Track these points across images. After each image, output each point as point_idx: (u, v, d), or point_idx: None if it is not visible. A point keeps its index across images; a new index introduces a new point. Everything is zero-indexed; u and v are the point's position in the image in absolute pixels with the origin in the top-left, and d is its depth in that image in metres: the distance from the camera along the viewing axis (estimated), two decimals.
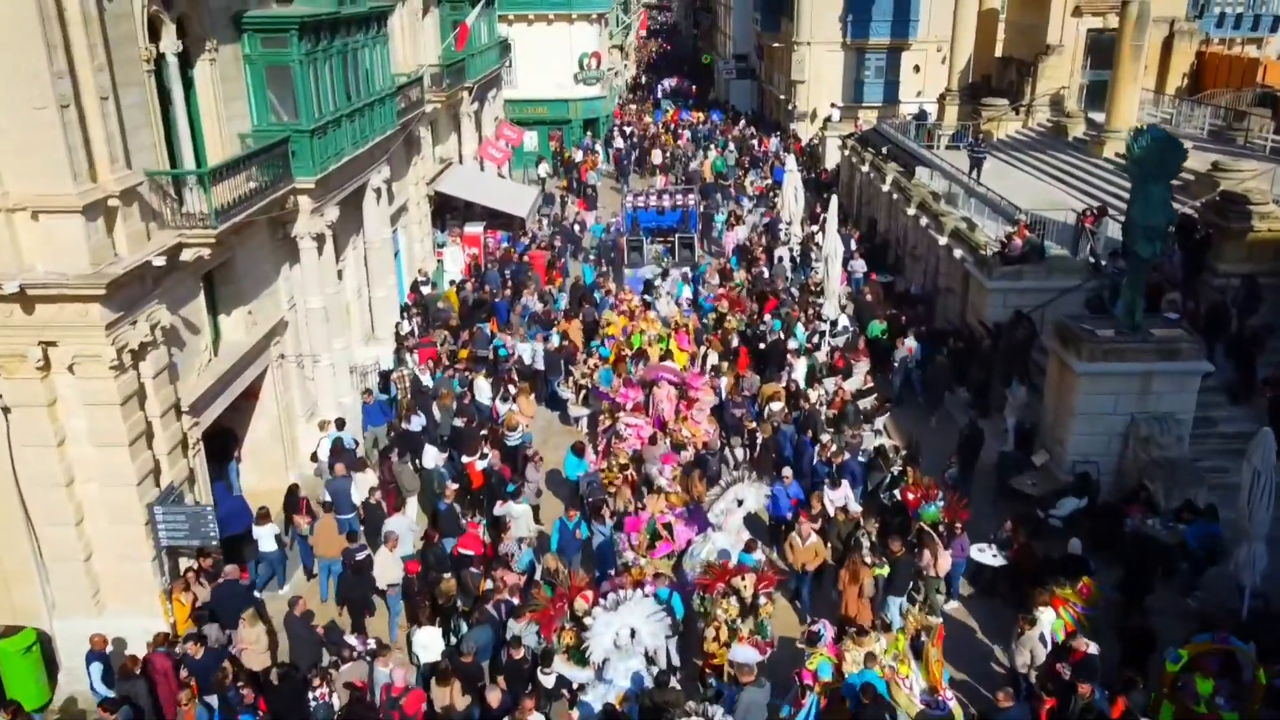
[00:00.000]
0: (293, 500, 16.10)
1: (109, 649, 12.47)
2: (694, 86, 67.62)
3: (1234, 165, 23.47)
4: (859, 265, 27.59)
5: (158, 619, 13.19)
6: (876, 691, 11.09)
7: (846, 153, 38.14)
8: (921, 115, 37.71)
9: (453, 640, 12.79)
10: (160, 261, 12.60)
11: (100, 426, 12.35)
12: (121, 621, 13.12)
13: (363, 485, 16.43)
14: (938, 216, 25.73)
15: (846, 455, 16.67)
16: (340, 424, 18.02)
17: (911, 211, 27.77)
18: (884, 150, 33.55)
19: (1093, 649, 12.01)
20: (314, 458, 17.66)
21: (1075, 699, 11.05)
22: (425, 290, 25.66)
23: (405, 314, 23.63)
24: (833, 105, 45.24)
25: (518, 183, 38.10)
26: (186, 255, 13.61)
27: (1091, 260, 21.97)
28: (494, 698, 11.29)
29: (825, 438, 17.27)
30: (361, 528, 15.36)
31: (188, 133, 14.73)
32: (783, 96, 52.21)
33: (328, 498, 16.14)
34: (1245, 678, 11.84)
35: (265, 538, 15.39)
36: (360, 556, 14.45)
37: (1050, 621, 12.55)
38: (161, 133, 13.74)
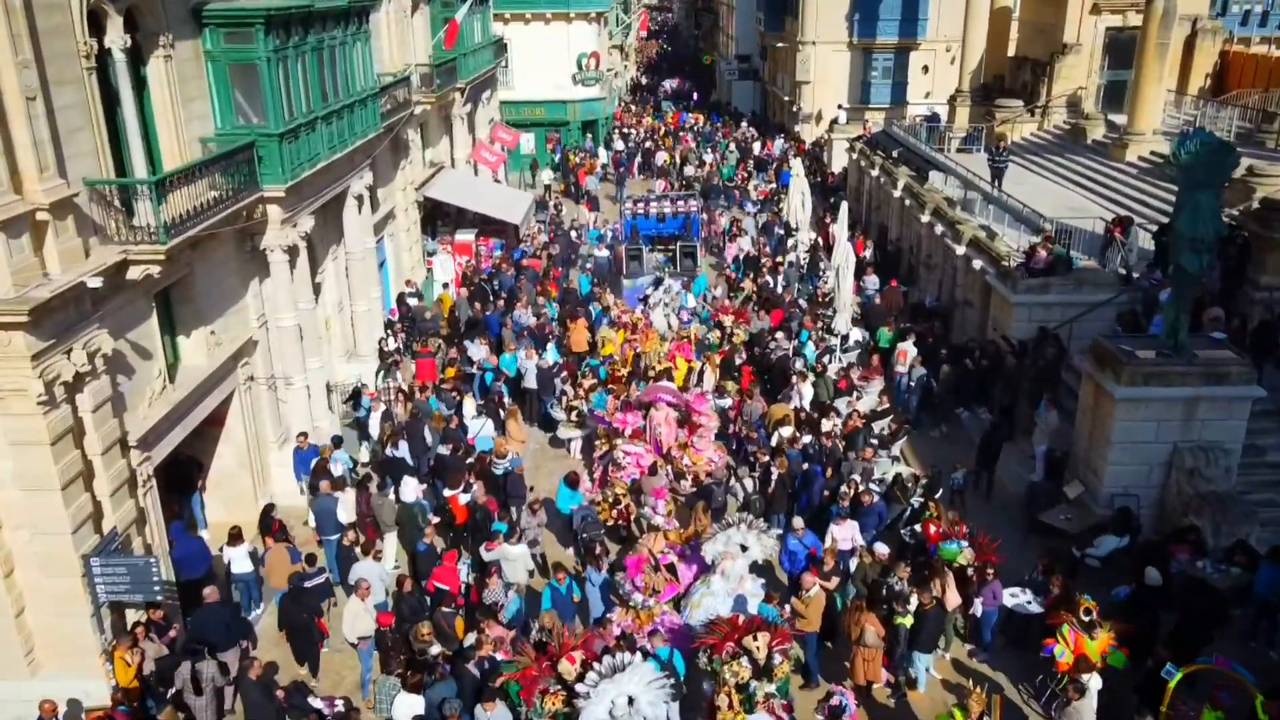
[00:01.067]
0: (266, 522, 15.00)
1: (60, 715, 11.10)
2: (695, 88, 66.30)
3: (1270, 170, 22.06)
4: (871, 281, 26.10)
5: (99, 680, 11.79)
6: None
7: (854, 156, 36.74)
8: (933, 118, 36.32)
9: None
10: (96, 283, 11.19)
11: (28, 469, 10.97)
12: (59, 684, 11.72)
13: (349, 505, 15.39)
14: (954, 224, 24.34)
15: (875, 498, 15.19)
16: (338, 442, 17.08)
17: (925, 219, 26.36)
18: (894, 154, 32.14)
19: None
20: None
21: None
22: (413, 303, 24.24)
23: (390, 329, 22.20)
24: (839, 106, 43.86)
25: (513, 187, 36.76)
26: (134, 273, 12.23)
27: (1122, 272, 20.56)
28: None
29: (857, 476, 15.76)
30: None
31: (139, 137, 13.32)
32: (787, 98, 50.82)
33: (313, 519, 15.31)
34: None
35: (238, 559, 14.27)
36: (310, 583, 13.33)
37: (1097, 688, 11.14)
38: (106, 137, 12.33)
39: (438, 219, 29.83)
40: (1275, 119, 27.91)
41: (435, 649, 12.10)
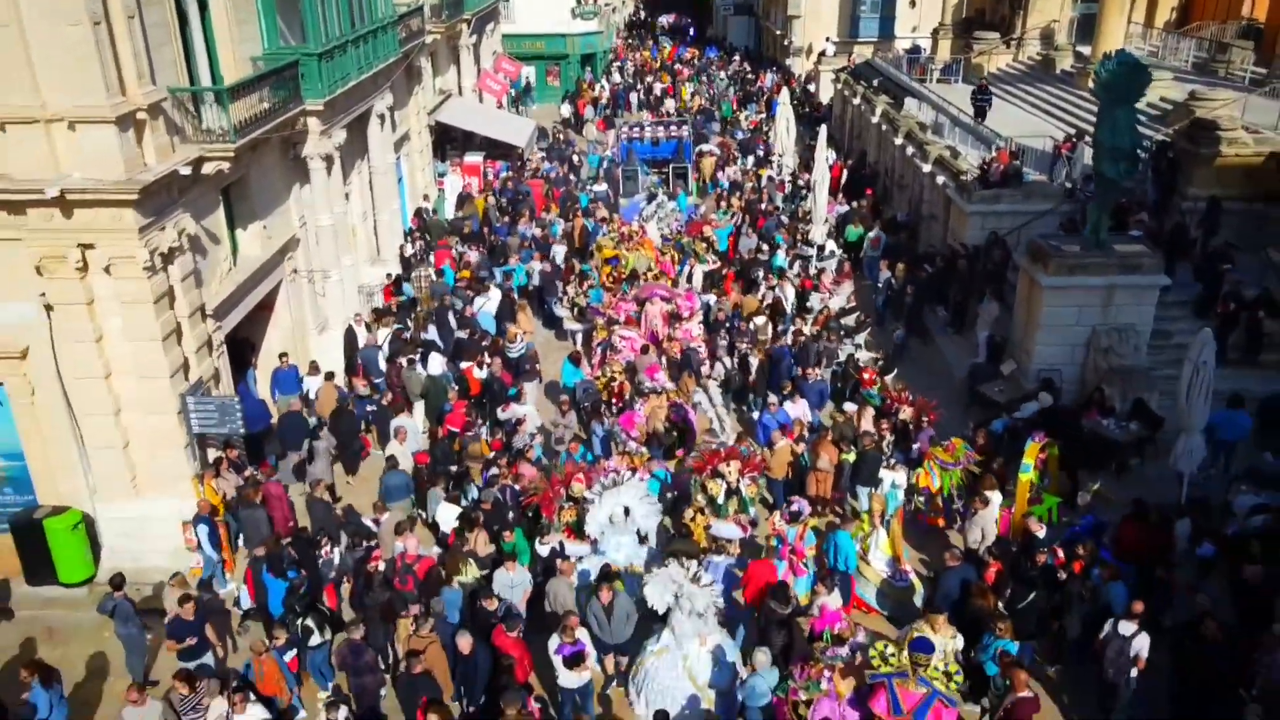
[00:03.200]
0: (351, 365, 18.37)
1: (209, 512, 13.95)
2: (692, 23, 67.66)
3: (1209, 94, 24.24)
4: (844, 209, 28.46)
5: (190, 502, 14.43)
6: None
7: (839, 86, 38.71)
8: (914, 50, 38.27)
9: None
10: (186, 170, 13.59)
11: (135, 324, 13.44)
12: (156, 505, 14.35)
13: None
14: (923, 145, 26.56)
15: (819, 375, 17.76)
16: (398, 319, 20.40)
17: (899, 141, 28.56)
18: (875, 83, 34.18)
19: (1041, 532, 13.22)
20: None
21: (1026, 564, 12.37)
22: (428, 217, 26.64)
23: (409, 237, 24.64)
24: (827, 39, 45.61)
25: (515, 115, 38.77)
26: (207, 169, 14.55)
27: (1068, 186, 22.88)
28: (464, 644, 11.05)
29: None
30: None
31: (204, 54, 15.60)
32: (779, 32, 52.45)
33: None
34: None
35: (314, 386, 17.51)
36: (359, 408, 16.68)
37: (999, 502, 13.82)
38: (181, 52, 14.61)
39: (446, 144, 32.03)
40: (1228, 49, 29.97)
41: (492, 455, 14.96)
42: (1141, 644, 10.85)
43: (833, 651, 10.84)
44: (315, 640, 11.98)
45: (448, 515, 13.66)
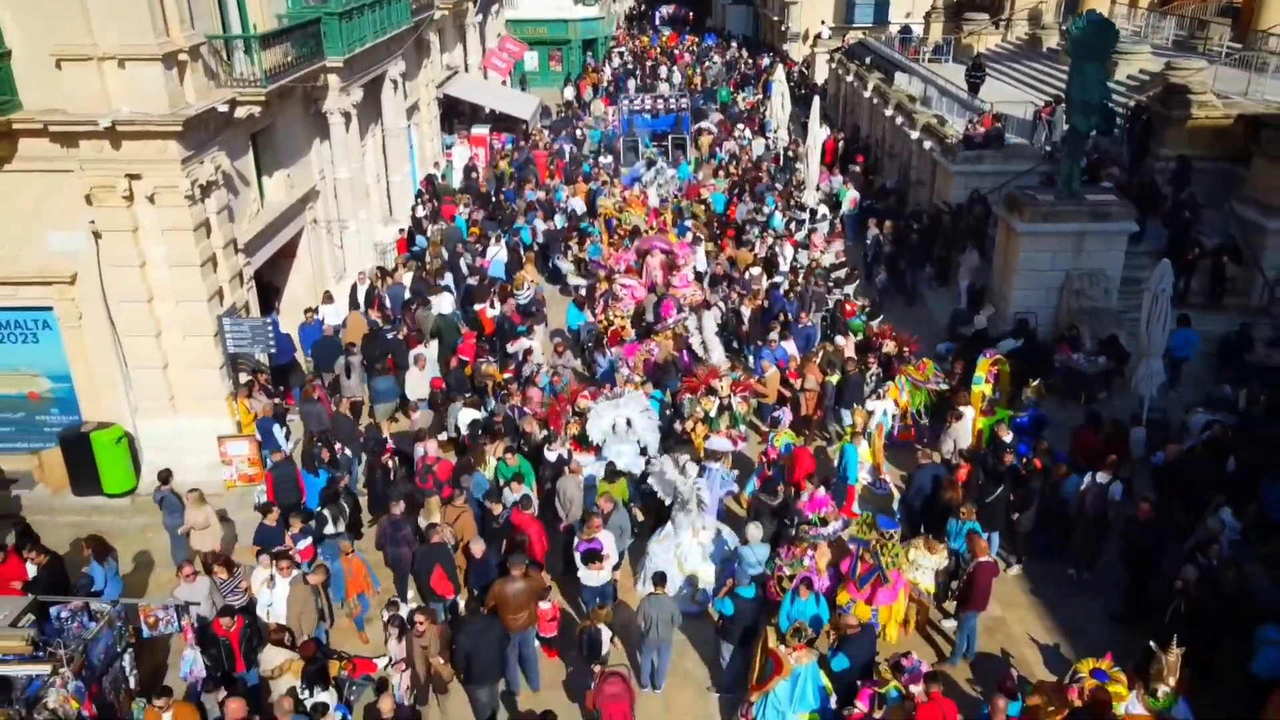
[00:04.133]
0: (369, 297, 19.38)
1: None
2: (690, 13, 68.88)
3: (1183, 64, 25.35)
4: (837, 180, 29.65)
5: (224, 419, 15.60)
6: None
7: (834, 65, 39.92)
8: (905, 30, 39.50)
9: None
10: (223, 109, 14.75)
11: (176, 250, 14.59)
12: (193, 422, 15.50)
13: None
14: (912, 115, 27.72)
15: (809, 319, 18.93)
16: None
17: (889, 113, 29.74)
18: (867, 61, 35.36)
19: (1008, 437, 14.40)
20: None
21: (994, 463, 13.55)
22: (438, 183, 27.84)
23: (419, 199, 25.84)
24: (823, 23, 46.79)
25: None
26: (240, 112, 15.70)
27: (1048, 149, 24.04)
28: (478, 550, 11.92)
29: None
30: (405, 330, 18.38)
31: (235, 8, 16.77)
32: (776, 18, 53.62)
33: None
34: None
35: (331, 314, 18.81)
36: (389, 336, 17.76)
37: (971, 416, 14.99)
38: (216, 4, 15.77)
39: (453, 118, 33.19)
40: (1208, 26, 31.17)
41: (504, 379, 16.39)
42: (1116, 489, 12.58)
43: (815, 531, 12.02)
44: (330, 530, 12.99)
45: (467, 418, 14.83)
